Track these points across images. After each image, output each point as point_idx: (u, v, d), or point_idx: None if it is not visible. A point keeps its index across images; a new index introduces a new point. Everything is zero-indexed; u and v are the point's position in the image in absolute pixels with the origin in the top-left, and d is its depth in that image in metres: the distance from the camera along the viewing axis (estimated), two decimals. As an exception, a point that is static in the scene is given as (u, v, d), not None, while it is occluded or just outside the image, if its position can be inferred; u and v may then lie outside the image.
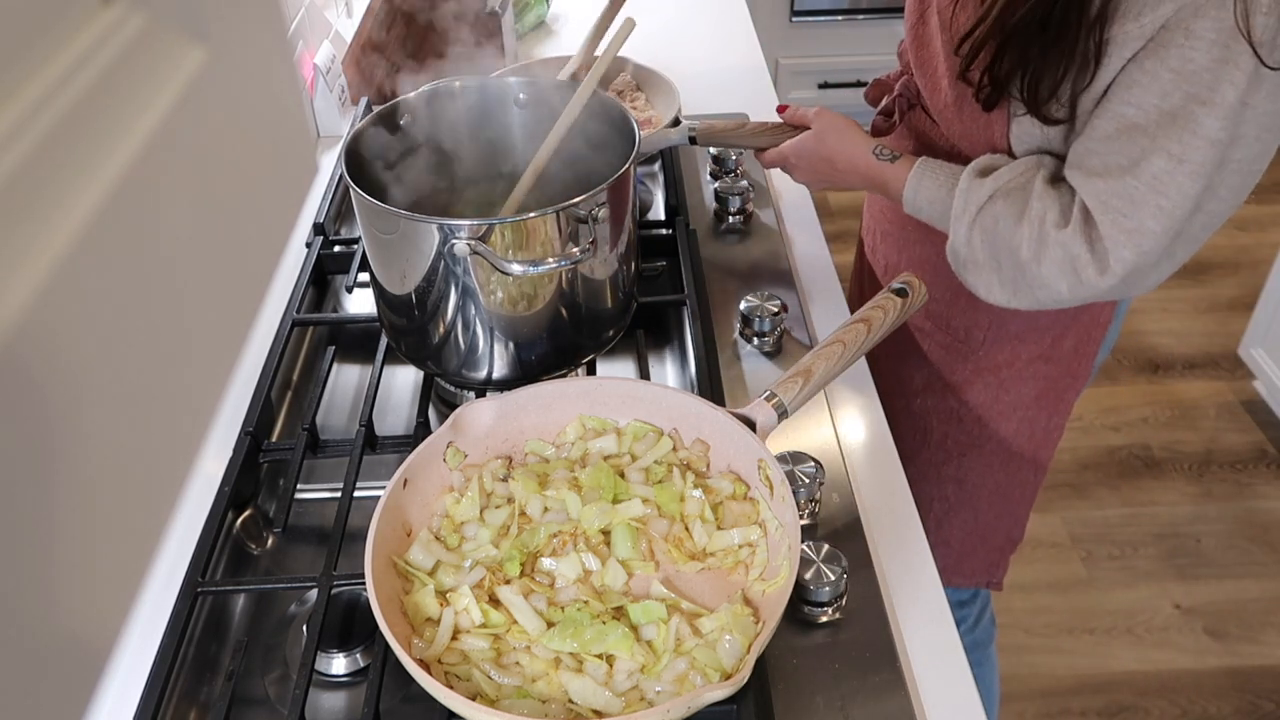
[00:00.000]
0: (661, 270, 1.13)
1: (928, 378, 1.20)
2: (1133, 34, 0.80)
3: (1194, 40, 0.78)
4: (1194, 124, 0.80)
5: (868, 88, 1.22)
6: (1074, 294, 0.89)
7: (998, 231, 0.90)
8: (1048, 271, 0.88)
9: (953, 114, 0.99)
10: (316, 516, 0.92)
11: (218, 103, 0.28)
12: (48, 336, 0.20)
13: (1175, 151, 0.81)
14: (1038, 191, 0.89)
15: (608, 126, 0.98)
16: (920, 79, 1.04)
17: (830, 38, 3.15)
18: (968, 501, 1.25)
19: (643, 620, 0.72)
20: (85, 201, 0.21)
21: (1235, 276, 2.71)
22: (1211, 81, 0.78)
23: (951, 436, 1.22)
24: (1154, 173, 0.82)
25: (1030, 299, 0.92)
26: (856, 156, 1.03)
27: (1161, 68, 0.80)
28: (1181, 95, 0.80)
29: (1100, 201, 0.85)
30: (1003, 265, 0.91)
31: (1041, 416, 1.18)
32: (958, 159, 1.02)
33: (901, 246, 1.18)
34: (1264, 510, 2.19)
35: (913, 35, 1.03)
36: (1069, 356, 1.14)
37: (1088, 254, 0.86)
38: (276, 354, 0.99)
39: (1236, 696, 1.86)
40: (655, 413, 0.85)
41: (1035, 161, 0.92)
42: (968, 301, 1.11)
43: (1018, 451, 1.20)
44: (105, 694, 0.76)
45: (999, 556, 1.30)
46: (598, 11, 1.23)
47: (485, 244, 0.83)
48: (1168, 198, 0.82)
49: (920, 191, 0.98)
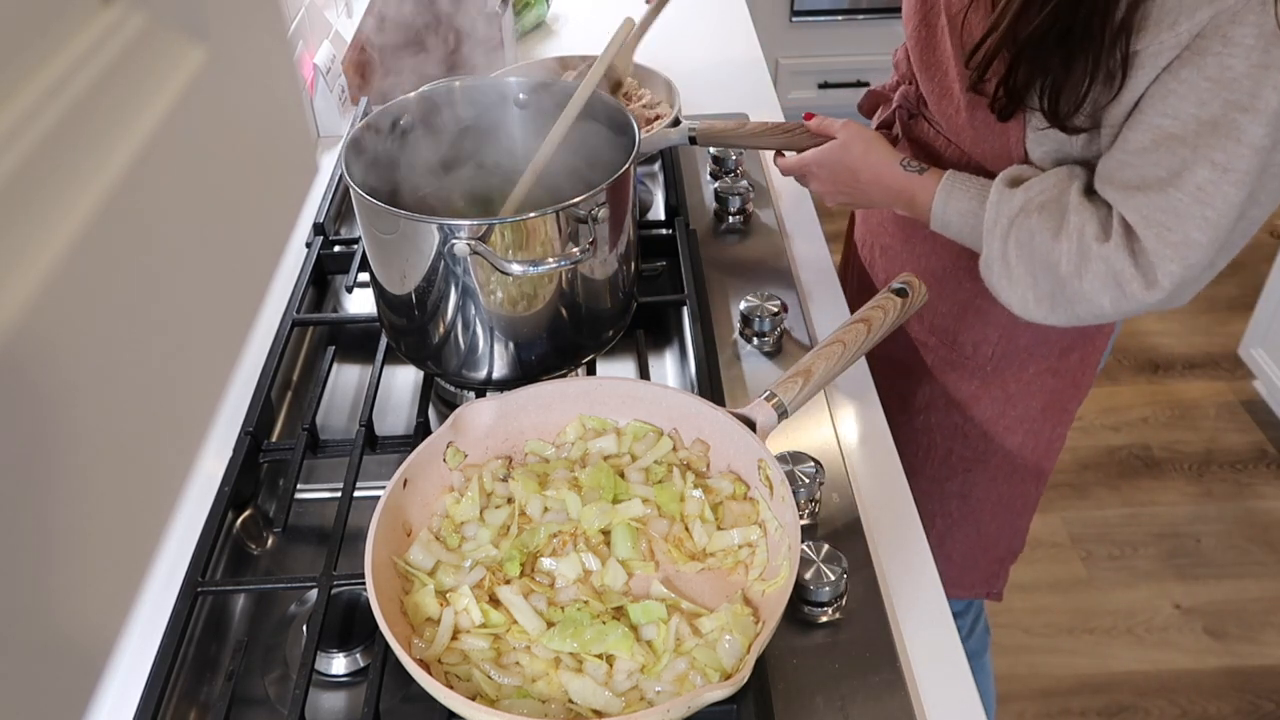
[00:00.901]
0: (661, 270, 1.13)
1: (931, 394, 1.18)
2: (1167, 43, 0.78)
3: (1232, 47, 0.76)
4: (1237, 131, 0.78)
5: (861, 99, 1.19)
6: (1117, 308, 0.86)
7: (1034, 246, 0.88)
8: (1090, 286, 0.86)
9: (964, 121, 0.96)
10: (316, 516, 0.92)
11: (218, 103, 0.28)
12: (47, 336, 0.20)
13: (1219, 160, 0.79)
14: (1074, 204, 0.87)
15: (608, 126, 0.98)
16: (926, 85, 1.00)
17: (830, 38, 3.15)
18: (971, 516, 1.24)
19: (643, 620, 0.72)
20: (85, 201, 0.21)
21: (1235, 276, 2.71)
22: (1253, 88, 0.76)
23: (956, 453, 1.20)
24: (1198, 183, 0.80)
25: (1069, 314, 0.89)
26: (883, 169, 0.99)
27: (1198, 76, 0.78)
28: (1221, 103, 0.77)
29: (1142, 216, 0.83)
30: (1040, 280, 0.89)
31: (1046, 428, 1.16)
32: (967, 169, 1.00)
33: (905, 261, 1.15)
34: (1264, 510, 2.19)
35: (915, 39, 1.00)
36: (1075, 368, 1.12)
37: (1132, 268, 0.84)
38: (276, 354, 0.99)
39: (1236, 696, 1.86)
40: (655, 413, 0.85)
41: (1068, 172, 0.89)
42: (975, 316, 1.09)
43: (1022, 464, 1.19)
44: (105, 694, 0.76)
45: (999, 567, 1.29)
46: (598, 11, 1.23)
47: (485, 244, 0.83)
48: (1213, 208, 0.80)
49: (950, 205, 0.94)
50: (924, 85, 1.01)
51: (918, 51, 1.00)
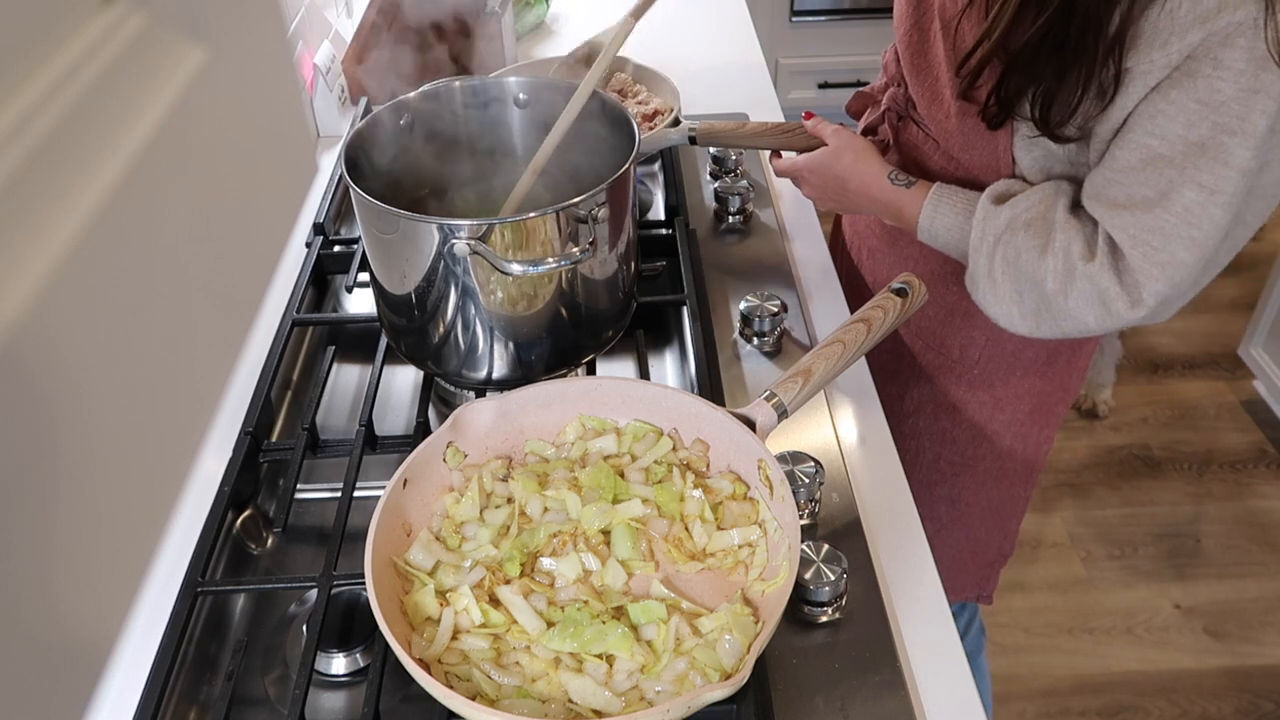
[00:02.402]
0: (661, 270, 1.13)
1: (919, 399, 1.19)
2: (1158, 62, 0.78)
3: (1222, 70, 0.76)
4: (1225, 154, 0.78)
5: (850, 99, 1.20)
6: (1101, 325, 0.87)
7: (1020, 263, 0.88)
8: (1075, 304, 0.87)
9: (954, 127, 0.96)
10: (316, 516, 0.92)
11: (218, 103, 0.28)
12: (48, 336, 0.20)
13: (1207, 182, 0.79)
14: (1060, 222, 0.87)
15: (608, 126, 0.98)
16: (916, 89, 1.00)
17: (830, 38, 3.15)
18: (960, 520, 1.24)
19: (643, 620, 0.72)
20: (85, 201, 0.21)
21: (1235, 276, 2.71)
22: (1241, 111, 0.76)
23: (944, 457, 1.20)
24: (1185, 204, 0.81)
25: (1054, 329, 0.90)
26: (871, 180, 1.00)
27: (1187, 98, 0.78)
28: (1209, 125, 0.78)
29: (1129, 235, 0.83)
30: (1025, 296, 0.89)
31: (1033, 432, 1.17)
32: (955, 173, 1.01)
33: (892, 264, 1.16)
34: (1264, 510, 2.19)
35: (906, 43, 1.00)
36: (1062, 371, 1.13)
37: (1117, 287, 0.84)
38: (276, 354, 0.99)
39: (1236, 696, 1.86)
40: (655, 413, 0.85)
41: (1054, 189, 0.90)
42: (962, 320, 1.10)
43: (1010, 468, 1.19)
44: (105, 694, 0.76)
45: (989, 571, 1.30)
46: (598, 11, 1.23)
47: (485, 244, 0.83)
48: (1200, 229, 0.81)
49: (937, 219, 0.96)
50: (914, 89, 1.01)
51: (909, 55, 1.00)
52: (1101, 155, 0.86)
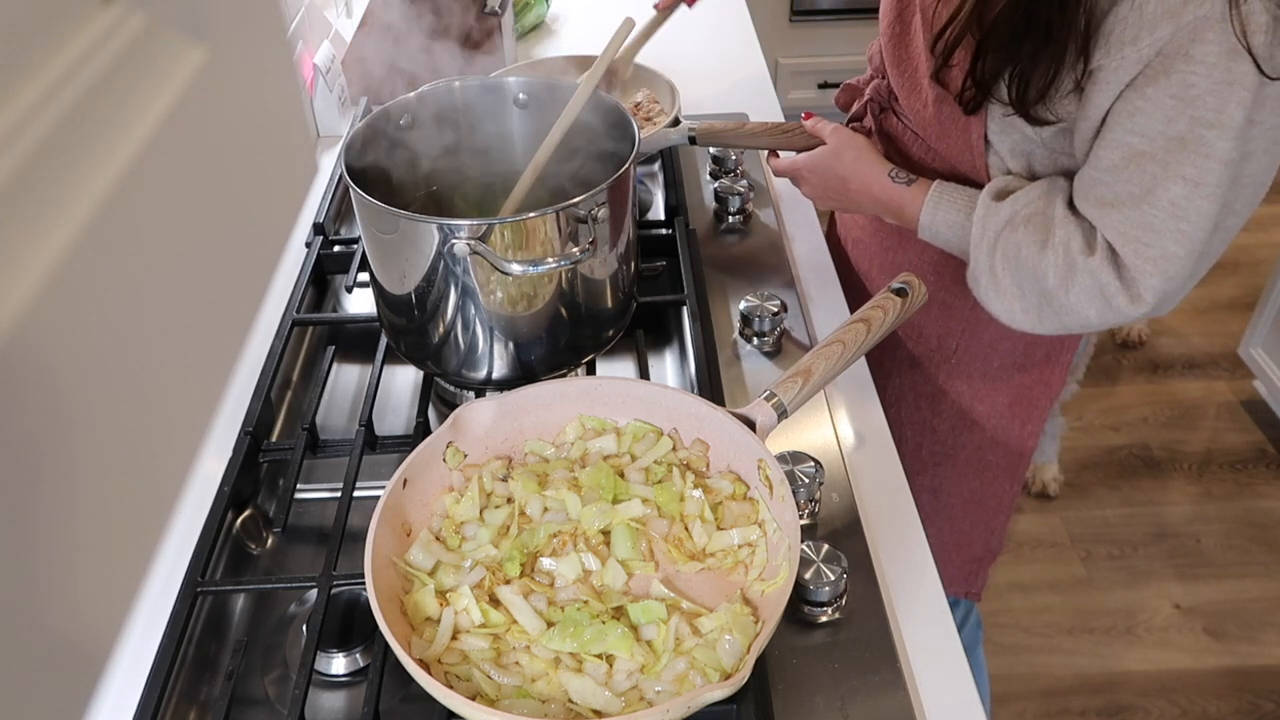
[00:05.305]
0: (661, 270, 1.13)
1: (900, 389, 1.20)
2: (1130, 58, 0.79)
3: (1194, 65, 0.77)
4: (1205, 147, 0.79)
5: (838, 92, 1.21)
6: (1103, 320, 0.88)
7: (1021, 259, 0.89)
8: (1076, 299, 0.87)
9: (931, 115, 0.97)
10: (316, 516, 0.92)
11: (218, 103, 0.28)
12: (48, 336, 0.20)
13: (1190, 175, 0.80)
14: (1059, 217, 0.88)
15: (608, 126, 0.98)
16: (896, 79, 1.01)
17: (830, 38, 3.15)
18: (942, 510, 1.25)
19: (642, 620, 0.72)
20: (85, 201, 0.21)
21: (1235, 276, 2.71)
22: (1217, 104, 0.77)
23: (925, 447, 1.21)
24: (1171, 199, 0.81)
25: (1056, 324, 0.90)
26: (871, 178, 1.01)
27: (1162, 94, 0.79)
28: (1187, 120, 0.79)
29: (1119, 233, 0.84)
30: (1027, 292, 0.90)
31: (1015, 425, 1.17)
32: (933, 163, 1.01)
33: (873, 253, 1.17)
34: (1264, 510, 2.19)
35: (889, 35, 1.01)
36: (1042, 363, 1.13)
37: (1117, 282, 0.85)
38: (276, 354, 0.99)
39: (1236, 696, 1.86)
40: (655, 413, 0.85)
41: (1053, 185, 0.90)
42: (940, 310, 1.11)
43: (992, 460, 1.20)
44: (105, 694, 0.76)
45: (976, 567, 1.30)
46: (598, 11, 1.23)
47: (485, 244, 0.83)
48: (1188, 221, 0.81)
49: (938, 217, 0.96)
50: (894, 80, 1.02)
51: (890, 47, 1.01)
52: (1086, 155, 0.87)
